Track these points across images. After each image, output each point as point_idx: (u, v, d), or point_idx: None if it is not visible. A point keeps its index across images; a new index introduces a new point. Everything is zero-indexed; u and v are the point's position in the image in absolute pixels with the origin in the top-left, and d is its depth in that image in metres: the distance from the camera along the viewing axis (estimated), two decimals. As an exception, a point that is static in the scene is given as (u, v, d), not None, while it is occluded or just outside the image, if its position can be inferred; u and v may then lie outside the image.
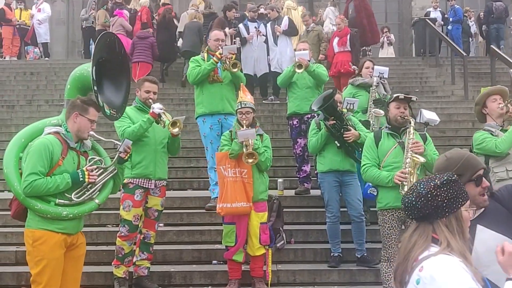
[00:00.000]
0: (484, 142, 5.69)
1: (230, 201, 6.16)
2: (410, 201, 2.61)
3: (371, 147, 5.79)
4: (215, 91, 7.56)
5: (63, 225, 4.69)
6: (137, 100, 6.35)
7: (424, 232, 2.60)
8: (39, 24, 17.05)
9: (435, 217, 2.59)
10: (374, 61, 8.45)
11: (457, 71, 14.57)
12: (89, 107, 4.82)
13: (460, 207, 2.61)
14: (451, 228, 2.57)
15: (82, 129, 4.79)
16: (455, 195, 2.59)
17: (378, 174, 5.61)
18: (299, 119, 8.10)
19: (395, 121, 5.71)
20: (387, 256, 5.64)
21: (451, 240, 2.54)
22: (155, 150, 6.21)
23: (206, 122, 7.66)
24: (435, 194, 2.57)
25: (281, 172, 9.40)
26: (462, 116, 12.25)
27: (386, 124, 5.89)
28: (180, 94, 13.84)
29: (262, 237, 6.29)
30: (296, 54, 7.94)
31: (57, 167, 4.66)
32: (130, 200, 6.07)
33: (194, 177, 9.71)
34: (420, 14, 20.81)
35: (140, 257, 6.26)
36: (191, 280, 6.65)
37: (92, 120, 4.83)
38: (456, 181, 2.63)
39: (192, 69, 7.56)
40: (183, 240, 7.40)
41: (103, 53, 5.22)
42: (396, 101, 5.73)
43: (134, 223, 6.08)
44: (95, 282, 6.49)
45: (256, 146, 6.17)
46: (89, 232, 7.34)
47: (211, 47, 7.70)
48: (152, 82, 6.36)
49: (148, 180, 6.15)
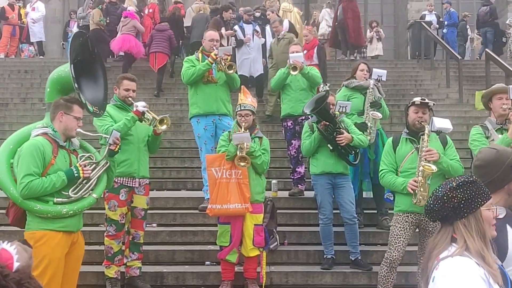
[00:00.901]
0: (472, 145, 5.80)
1: (221, 203, 6.15)
2: (428, 204, 2.70)
3: (389, 152, 5.79)
4: (210, 92, 7.55)
5: (65, 223, 4.72)
6: (116, 98, 6.32)
7: (445, 232, 2.68)
8: (33, 23, 17.00)
9: (454, 218, 2.65)
10: (368, 63, 8.45)
11: (452, 74, 14.61)
12: (72, 104, 4.86)
13: (479, 207, 2.65)
14: (469, 228, 2.62)
15: (69, 127, 4.82)
16: (473, 196, 2.63)
17: (394, 180, 5.61)
18: (293, 121, 8.12)
19: (413, 126, 5.69)
20: (390, 259, 5.61)
21: (468, 240, 2.59)
22: (138, 148, 6.20)
23: (200, 123, 7.64)
24: (451, 196, 2.63)
25: (275, 173, 9.40)
26: (456, 120, 12.25)
27: (405, 129, 5.87)
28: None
29: (256, 239, 6.28)
30: (291, 56, 7.95)
31: (50, 167, 4.67)
32: (115, 200, 6.07)
33: (188, 177, 9.70)
34: (415, 17, 20.87)
35: (131, 257, 6.25)
36: (183, 281, 6.64)
37: (78, 117, 4.86)
38: (473, 182, 2.68)
39: (187, 69, 7.54)
40: (176, 240, 7.38)
41: (78, 53, 5.25)
42: (414, 106, 5.71)
43: (120, 222, 6.10)
44: (87, 282, 6.45)
45: (252, 149, 6.16)
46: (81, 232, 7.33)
47: (205, 48, 7.68)
48: (130, 80, 6.34)
49: (132, 179, 6.14)
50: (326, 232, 6.76)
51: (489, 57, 13.30)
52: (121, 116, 6.12)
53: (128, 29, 14.34)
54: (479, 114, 12.47)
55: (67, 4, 22.47)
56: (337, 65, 16.12)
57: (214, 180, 6.27)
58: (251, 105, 6.44)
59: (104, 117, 6.01)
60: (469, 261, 2.54)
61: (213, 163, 6.32)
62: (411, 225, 5.59)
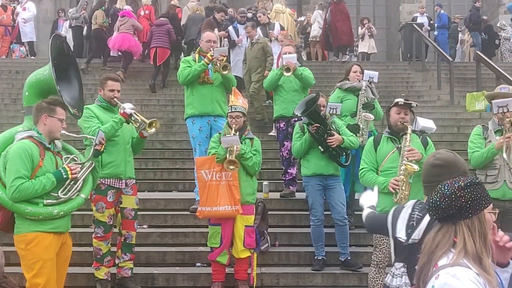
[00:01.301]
0: (468, 147, 5.92)
1: (210, 205, 6.15)
2: (434, 201, 2.66)
3: (370, 151, 5.78)
4: (206, 93, 7.51)
5: (56, 224, 4.75)
6: (100, 99, 6.27)
7: (447, 233, 2.65)
8: (24, 23, 16.95)
9: (458, 218, 2.63)
10: (361, 65, 8.47)
11: (443, 76, 14.66)
12: (55, 107, 4.88)
13: (483, 209, 2.65)
14: (472, 230, 2.61)
15: (53, 129, 4.84)
16: (479, 197, 2.63)
17: (374, 179, 5.59)
18: (286, 122, 8.11)
19: (395, 126, 5.69)
20: (376, 261, 5.62)
21: (468, 242, 2.58)
22: (124, 149, 6.19)
23: (195, 124, 7.61)
24: (459, 195, 2.61)
25: (266, 174, 9.40)
26: (447, 121, 12.33)
27: (387, 129, 5.89)
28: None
29: (247, 240, 6.28)
30: (284, 57, 7.95)
31: (38, 169, 4.69)
32: (103, 202, 6.06)
33: (179, 178, 9.68)
34: (408, 19, 20.95)
35: (123, 258, 6.23)
36: (174, 282, 6.63)
37: (61, 119, 4.88)
38: (479, 184, 2.68)
39: (183, 69, 7.52)
40: (167, 242, 7.37)
41: (55, 56, 5.28)
42: (396, 106, 5.71)
43: (108, 224, 6.09)
44: (77, 283, 6.44)
45: (242, 151, 6.16)
46: (72, 233, 7.19)
47: (202, 48, 7.65)
48: (115, 80, 6.30)
49: (119, 180, 6.13)
50: (317, 234, 6.77)
51: (479, 59, 13.37)
52: (106, 117, 6.10)
53: (127, 28, 14.46)
54: (470, 116, 12.54)
55: (59, 4, 22.38)
56: (329, 67, 16.16)
57: (204, 182, 6.26)
58: (242, 106, 6.43)
59: (90, 118, 6.01)
60: (469, 273, 2.52)
61: (203, 165, 6.31)
62: None
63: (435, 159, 3.17)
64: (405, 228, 3.13)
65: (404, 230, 3.13)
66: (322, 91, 8.18)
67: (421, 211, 3.11)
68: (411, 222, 3.11)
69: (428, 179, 3.15)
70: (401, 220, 3.18)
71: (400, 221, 3.18)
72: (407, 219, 3.15)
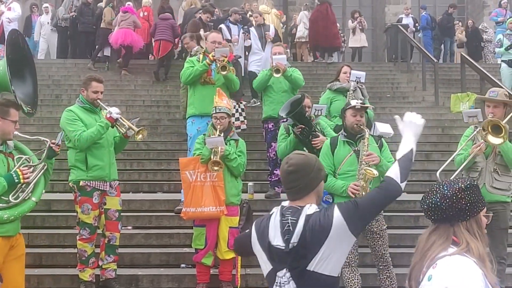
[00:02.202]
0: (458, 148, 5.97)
1: (195, 206, 6.13)
2: (434, 202, 2.68)
3: (327, 154, 5.76)
4: (206, 93, 7.43)
5: (5, 228, 4.67)
6: (83, 100, 6.20)
7: (444, 233, 2.67)
8: (9, 23, 16.81)
9: (457, 219, 2.66)
10: (351, 66, 8.50)
11: (428, 77, 14.75)
12: (9, 108, 4.82)
13: (480, 212, 2.69)
14: (471, 231, 2.64)
15: (6, 131, 4.79)
16: (477, 200, 2.67)
17: (333, 182, 5.57)
18: (275, 123, 8.11)
19: (351, 129, 5.68)
20: (347, 261, 5.59)
21: (471, 242, 2.61)
22: (108, 151, 6.18)
23: (194, 124, 7.57)
24: (460, 197, 2.64)
25: (252, 175, 9.39)
26: (432, 122, 12.37)
27: (342, 131, 5.87)
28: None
29: (231, 241, 6.26)
30: (274, 58, 7.94)
31: None
32: (88, 204, 6.03)
33: (164, 179, 9.65)
34: (393, 20, 21.05)
35: (106, 260, 6.20)
36: (158, 284, 6.61)
37: (15, 121, 4.82)
38: (477, 186, 2.72)
39: (186, 69, 7.49)
40: (151, 243, 7.34)
41: (11, 51, 5.23)
42: (352, 109, 5.69)
43: (94, 225, 6.07)
44: (61, 285, 6.44)
45: (227, 152, 6.15)
46: (56, 235, 7.29)
47: (207, 49, 7.61)
48: (99, 82, 6.24)
49: (104, 182, 6.10)
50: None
51: (464, 61, 13.48)
52: (90, 119, 6.08)
53: (128, 23, 14.68)
54: (455, 116, 12.61)
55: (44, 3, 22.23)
56: (315, 68, 16.19)
57: (188, 183, 6.24)
58: (227, 107, 6.43)
59: (74, 121, 5.98)
60: (468, 260, 2.56)
61: (187, 166, 6.29)
62: None
63: (288, 166, 3.18)
64: (280, 235, 3.06)
65: (280, 237, 3.06)
66: (308, 92, 8.18)
67: (293, 215, 3.07)
68: (286, 228, 3.05)
69: (289, 186, 3.18)
70: (272, 228, 3.11)
71: (271, 230, 3.11)
72: (279, 226, 3.08)
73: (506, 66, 13.30)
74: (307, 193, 3.17)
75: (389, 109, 13.08)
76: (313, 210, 3.08)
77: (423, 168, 10.21)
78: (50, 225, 7.40)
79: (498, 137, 5.50)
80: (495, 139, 5.52)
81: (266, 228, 3.15)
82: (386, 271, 5.70)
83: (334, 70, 10.39)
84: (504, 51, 13.24)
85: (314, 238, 2.99)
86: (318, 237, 2.99)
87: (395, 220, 7.84)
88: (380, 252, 5.68)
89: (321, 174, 3.23)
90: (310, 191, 3.17)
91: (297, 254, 3.01)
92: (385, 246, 5.70)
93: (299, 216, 3.05)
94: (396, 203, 8.47)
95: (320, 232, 2.99)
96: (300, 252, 3.01)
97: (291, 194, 3.21)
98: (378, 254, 5.69)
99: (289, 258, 3.03)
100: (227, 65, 7.27)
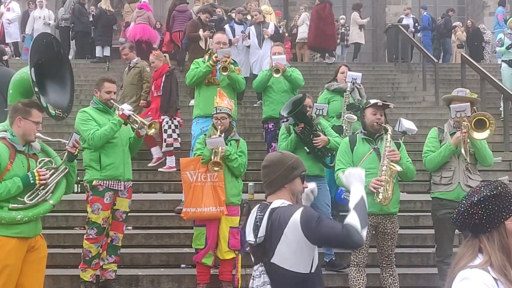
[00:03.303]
0: (424, 150, 6.04)
1: (195, 206, 6.14)
2: (453, 218, 2.69)
3: (346, 151, 5.78)
4: (211, 94, 7.40)
5: (19, 229, 4.61)
6: (96, 101, 6.24)
7: (471, 245, 2.64)
8: (9, 24, 16.85)
9: (478, 232, 2.62)
10: (349, 66, 8.49)
11: (429, 78, 14.75)
12: (31, 109, 4.78)
13: (503, 221, 2.57)
14: (492, 243, 2.57)
15: (27, 132, 4.74)
16: (496, 211, 2.57)
17: None
18: (275, 123, 8.12)
19: (371, 127, 5.72)
20: (356, 261, 5.64)
21: (492, 255, 2.55)
22: (123, 151, 6.18)
23: (199, 124, 7.56)
24: (472, 212, 2.59)
25: (252, 175, 9.35)
26: (432, 122, 12.35)
27: (361, 129, 5.88)
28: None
29: (231, 241, 6.26)
30: (273, 58, 7.94)
31: (6, 172, 4.59)
32: (99, 203, 6.02)
33: (165, 180, 9.64)
34: (394, 20, 21.03)
35: (107, 260, 6.22)
36: (158, 284, 6.61)
37: (37, 122, 4.78)
38: (497, 195, 2.58)
39: (191, 70, 7.51)
40: (152, 243, 7.35)
41: (41, 54, 5.19)
42: (373, 107, 5.74)
43: (102, 226, 6.05)
44: (61, 285, 6.44)
45: (227, 153, 6.15)
46: (56, 235, 7.28)
47: (213, 50, 7.60)
48: (111, 82, 6.28)
49: (118, 182, 6.11)
50: (302, 235, 6.75)
51: (464, 61, 13.47)
52: (104, 119, 6.09)
53: (144, 19, 15.00)
54: (455, 117, 12.57)
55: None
56: (315, 68, 16.18)
57: (188, 183, 6.24)
58: (227, 107, 6.43)
59: (87, 121, 5.99)
60: (485, 276, 2.49)
61: (188, 166, 6.29)
62: (370, 227, 5.59)
63: (264, 161, 3.46)
64: (252, 230, 3.29)
65: (251, 232, 3.29)
66: (308, 92, 8.16)
67: (261, 211, 3.28)
68: (255, 223, 3.27)
69: (263, 180, 3.43)
70: (249, 225, 3.36)
71: (248, 226, 3.36)
72: (253, 222, 3.31)
73: (506, 66, 13.27)
74: (278, 189, 3.36)
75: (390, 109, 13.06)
76: (278, 205, 3.26)
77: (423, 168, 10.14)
78: (50, 225, 7.40)
79: (483, 131, 5.62)
80: (480, 134, 5.65)
81: (246, 224, 3.43)
82: (389, 269, 5.70)
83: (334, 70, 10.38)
84: (505, 50, 13.21)
85: (274, 231, 3.17)
86: (277, 231, 3.16)
87: (395, 220, 7.81)
88: (387, 252, 5.69)
89: (292, 173, 3.38)
90: (280, 187, 3.36)
91: (263, 248, 3.22)
92: (393, 247, 5.74)
93: (265, 211, 3.26)
94: (397, 203, 8.48)
95: (278, 226, 3.15)
96: (265, 245, 3.21)
97: (265, 189, 3.44)
98: (385, 253, 5.70)
99: (258, 252, 3.25)
100: (229, 66, 7.27)
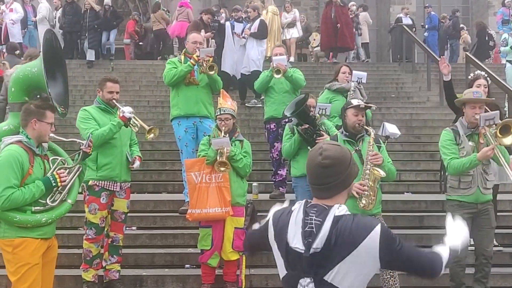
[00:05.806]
0: (442, 152, 5.73)
1: (200, 207, 6.12)
2: None
3: None
4: (191, 94, 7.48)
5: (43, 231, 4.70)
6: (99, 101, 6.23)
7: None
8: (12, 24, 16.90)
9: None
10: (350, 66, 8.47)
11: (433, 77, 14.69)
12: (45, 111, 4.79)
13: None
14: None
15: (42, 133, 4.75)
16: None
17: None
18: (277, 123, 8.11)
19: (353, 128, 5.61)
20: None
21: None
22: (121, 152, 6.16)
23: (181, 125, 7.58)
24: None
25: (256, 176, 9.35)
26: (437, 122, 12.34)
27: (342, 130, 5.79)
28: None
29: (236, 242, 6.24)
30: (274, 59, 7.93)
31: (28, 176, 4.62)
32: (96, 203, 6.03)
33: (169, 180, 9.65)
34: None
35: (110, 261, 6.21)
36: (163, 284, 6.60)
37: (51, 123, 4.81)
38: None
39: (169, 70, 7.47)
40: (156, 243, 7.34)
41: (48, 51, 5.21)
42: (354, 108, 5.62)
43: (100, 226, 6.05)
44: (65, 286, 6.42)
45: (232, 153, 6.14)
46: (60, 235, 7.21)
47: (188, 50, 7.61)
48: (114, 82, 6.27)
49: (114, 183, 6.10)
50: (306, 235, 6.71)
51: (469, 61, 13.42)
52: (105, 119, 6.08)
53: (184, 16, 15.89)
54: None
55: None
56: (319, 68, 16.17)
57: (193, 185, 6.22)
58: (231, 108, 6.41)
59: (88, 120, 5.99)
60: None
61: (193, 167, 6.27)
62: None
63: (323, 158, 2.70)
64: (301, 236, 2.65)
65: (300, 238, 2.65)
66: (313, 92, 8.14)
67: (318, 215, 2.66)
68: (308, 229, 2.64)
69: (321, 181, 2.73)
70: (292, 227, 2.70)
71: (291, 228, 2.70)
72: (301, 225, 2.67)
73: (511, 66, 13.24)
74: (339, 192, 2.76)
75: (394, 109, 13.07)
76: (344, 212, 2.68)
77: (428, 168, 10.18)
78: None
79: (509, 135, 5.45)
80: (508, 139, 5.47)
81: (285, 225, 2.74)
82: (390, 270, 5.67)
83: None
84: (510, 49, 13.18)
85: (340, 244, 2.59)
86: (346, 245, 2.59)
87: (400, 220, 7.82)
88: None
89: (355, 170, 2.82)
90: (343, 189, 2.77)
91: (317, 261, 2.63)
92: None
93: (325, 217, 2.65)
94: (401, 203, 8.47)
95: (350, 239, 2.59)
96: (321, 259, 2.62)
97: (320, 191, 2.76)
98: None
99: (307, 264, 2.65)
100: (215, 64, 7.30)
